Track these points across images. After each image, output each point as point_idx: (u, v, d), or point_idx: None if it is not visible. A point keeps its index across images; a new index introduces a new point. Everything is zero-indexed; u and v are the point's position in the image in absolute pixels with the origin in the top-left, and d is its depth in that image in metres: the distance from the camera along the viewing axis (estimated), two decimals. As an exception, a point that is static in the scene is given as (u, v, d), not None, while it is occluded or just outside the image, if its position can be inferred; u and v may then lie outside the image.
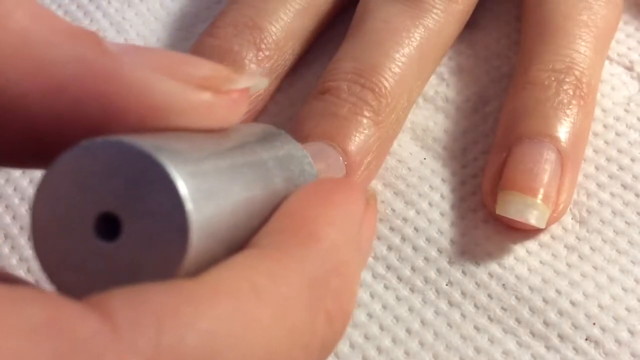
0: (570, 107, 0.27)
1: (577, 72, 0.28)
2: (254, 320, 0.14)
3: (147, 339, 0.13)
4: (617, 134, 0.29)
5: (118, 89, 0.16)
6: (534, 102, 0.27)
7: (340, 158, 0.26)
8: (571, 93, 0.27)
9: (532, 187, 0.25)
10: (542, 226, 0.26)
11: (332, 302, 0.16)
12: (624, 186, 0.28)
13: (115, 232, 0.15)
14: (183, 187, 0.14)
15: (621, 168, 0.29)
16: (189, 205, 0.14)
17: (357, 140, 0.27)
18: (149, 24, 0.34)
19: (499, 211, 0.26)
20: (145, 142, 0.15)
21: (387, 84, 0.28)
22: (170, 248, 0.14)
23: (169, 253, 0.14)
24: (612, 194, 0.28)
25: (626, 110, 0.30)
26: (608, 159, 0.29)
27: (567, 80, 0.27)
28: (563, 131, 0.27)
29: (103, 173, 0.15)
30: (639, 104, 0.30)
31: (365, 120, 0.27)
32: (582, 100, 0.27)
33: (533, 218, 0.25)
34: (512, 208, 0.26)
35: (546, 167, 0.26)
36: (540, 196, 0.25)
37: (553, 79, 0.27)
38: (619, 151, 0.29)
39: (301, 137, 0.27)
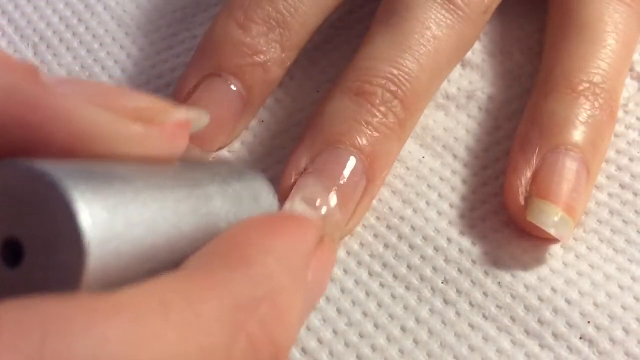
0: (604, 125, 0.27)
1: (608, 87, 0.28)
2: (157, 336, 0.14)
3: (30, 342, 0.13)
4: (616, 135, 0.29)
5: (44, 117, 0.16)
6: (571, 112, 0.27)
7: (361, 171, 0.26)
8: (607, 111, 0.27)
9: (570, 205, 0.26)
10: (567, 241, 0.26)
11: (257, 329, 0.16)
12: (622, 186, 0.28)
13: (18, 258, 0.14)
14: (82, 211, 0.14)
15: (619, 168, 0.29)
16: (87, 230, 0.14)
17: (381, 155, 0.27)
18: (150, 15, 0.34)
19: (530, 218, 0.26)
20: (53, 166, 0.14)
21: (415, 96, 0.27)
22: (67, 274, 0.14)
23: (67, 280, 0.14)
24: (609, 194, 0.28)
25: (625, 111, 0.30)
26: (606, 160, 0.29)
27: (602, 95, 0.27)
28: (594, 148, 0.27)
29: (6, 196, 0.15)
30: (638, 103, 0.30)
31: (391, 134, 0.27)
32: (612, 118, 0.28)
33: (565, 236, 0.26)
34: (545, 218, 0.25)
35: (580, 184, 0.26)
36: (574, 214, 0.26)
37: (588, 91, 0.27)
38: (618, 152, 0.29)
39: (328, 136, 0.27)
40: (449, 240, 0.27)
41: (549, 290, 0.26)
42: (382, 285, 0.27)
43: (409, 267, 0.27)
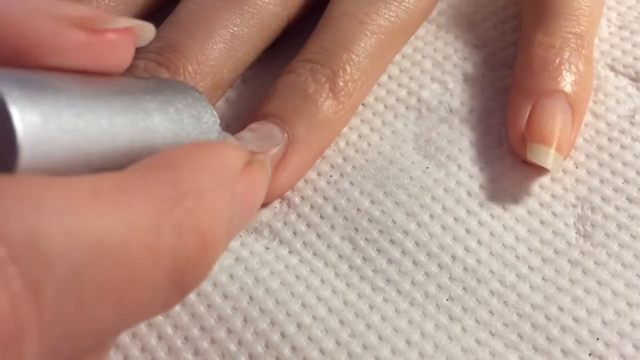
0: (587, 69, 0.29)
1: (588, 36, 0.30)
2: (88, 210, 0.15)
3: None
4: (622, 147, 0.29)
5: None
6: (558, 59, 0.29)
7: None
8: (589, 57, 0.29)
9: (560, 145, 0.28)
10: (558, 172, 0.29)
11: (182, 216, 0.17)
12: (630, 199, 0.28)
13: None
14: (15, 115, 0.16)
15: (626, 181, 0.28)
16: (20, 132, 0.16)
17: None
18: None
19: (529, 157, 0.28)
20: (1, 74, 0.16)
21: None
22: (2, 171, 0.16)
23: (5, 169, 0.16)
24: (617, 208, 0.27)
25: (631, 123, 0.29)
26: (613, 172, 0.28)
27: (584, 45, 0.29)
28: (579, 90, 0.29)
29: None
30: (644, 115, 0.30)
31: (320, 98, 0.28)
32: (590, 63, 0.30)
33: (557, 169, 0.28)
34: (542, 158, 0.28)
35: (567, 124, 0.28)
36: (564, 151, 0.28)
37: (572, 41, 0.29)
38: (624, 164, 0.29)
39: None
40: (453, 257, 0.27)
41: (556, 309, 0.25)
42: (385, 300, 0.26)
43: (413, 283, 0.26)
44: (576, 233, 0.27)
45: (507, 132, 0.29)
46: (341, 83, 0.29)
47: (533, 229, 0.27)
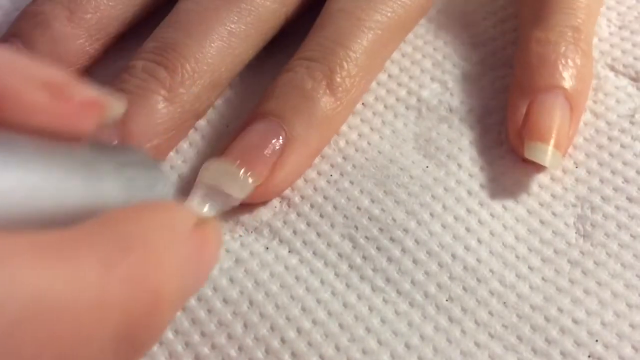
0: (585, 64, 0.29)
1: (586, 30, 0.30)
2: (24, 265, 0.15)
3: None
4: (622, 146, 0.29)
5: None
6: (556, 55, 0.29)
7: None
8: (587, 53, 0.29)
9: (558, 142, 0.28)
10: (557, 169, 0.28)
11: (131, 270, 0.16)
12: (630, 199, 0.28)
13: None
14: None
15: (626, 181, 0.28)
16: None
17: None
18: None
19: (527, 155, 0.28)
20: None
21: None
22: None
23: None
24: (617, 207, 0.27)
25: (631, 122, 0.29)
26: (613, 172, 0.28)
27: (582, 38, 0.29)
28: (578, 86, 0.29)
29: None
30: (644, 115, 0.30)
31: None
32: (589, 58, 0.30)
33: (556, 166, 0.28)
34: (536, 154, 0.28)
35: (564, 120, 0.28)
36: (562, 149, 0.28)
37: (570, 35, 0.29)
38: (624, 164, 0.28)
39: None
40: (453, 256, 0.27)
41: (556, 310, 0.25)
42: (385, 301, 0.26)
43: (412, 282, 0.26)
44: (576, 233, 0.27)
45: (507, 131, 0.29)
46: (338, 79, 0.29)
47: (533, 229, 0.27)
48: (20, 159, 0.17)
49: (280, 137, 0.28)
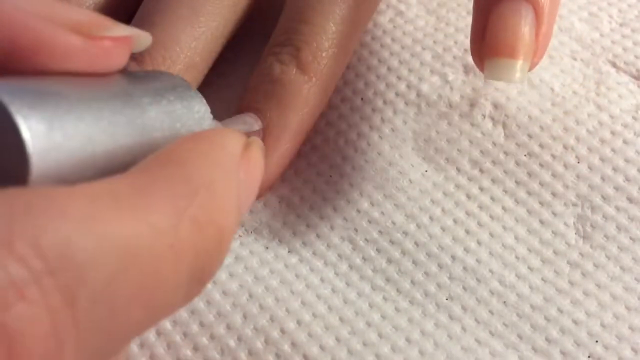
0: None
1: None
2: (111, 217, 0.16)
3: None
4: (625, 142, 0.29)
5: None
6: None
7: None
8: None
9: (514, 52, 0.25)
10: (524, 82, 0.26)
11: (198, 211, 0.17)
12: (630, 199, 0.27)
13: None
14: (22, 126, 0.16)
15: (627, 179, 0.28)
16: (28, 142, 0.16)
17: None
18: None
19: (487, 77, 0.25)
20: (2, 85, 0.16)
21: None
22: (15, 184, 0.16)
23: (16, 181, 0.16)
24: (617, 208, 0.27)
25: (634, 118, 0.29)
26: (615, 169, 0.28)
27: None
28: None
29: None
30: (646, 111, 0.29)
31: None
32: None
33: (517, 78, 0.25)
34: (499, 73, 0.25)
35: (525, 28, 0.25)
36: (521, 57, 0.25)
37: None
38: (626, 161, 0.28)
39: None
40: (453, 258, 0.27)
41: (555, 310, 0.25)
42: (385, 298, 0.26)
43: (412, 282, 0.26)
44: (576, 234, 0.27)
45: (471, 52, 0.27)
46: (308, 57, 0.28)
47: (533, 229, 0.27)
48: (69, 107, 0.17)
49: (260, 129, 0.28)
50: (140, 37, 0.21)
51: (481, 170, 0.29)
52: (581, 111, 0.30)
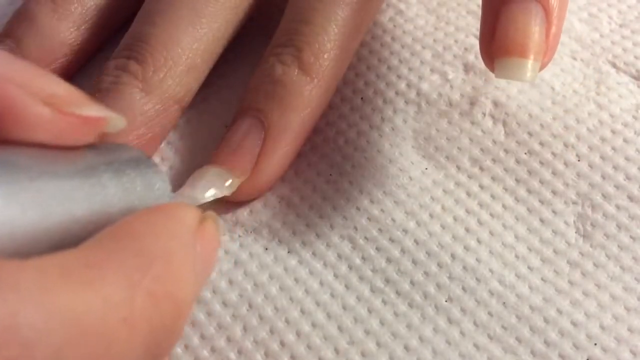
0: None
1: None
2: (61, 292, 0.15)
3: None
4: (625, 141, 0.29)
5: None
6: None
7: None
8: None
9: (525, 50, 0.24)
10: (535, 81, 0.25)
11: (154, 284, 0.17)
12: (630, 198, 0.27)
13: None
14: None
15: (628, 178, 0.28)
16: None
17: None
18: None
19: (498, 76, 0.25)
20: None
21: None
22: None
23: None
24: (617, 207, 0.27)
25: (634, 117, 0.29)
26: (615, 167, 0.28)
27: None
28: None
29: None
30: (647, 110, 0.29)
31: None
32: None
33: (528, 78, 0.24)
34: (510, 73, 0.24)
35: (535, 28, 0.25)
36: (532, 56, 0.24)
37: None
38: (627, 159, 0.28)
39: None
40: (453, 256, 0.27)
41: (555, 311, 0.25)
42: (384, 302, 0.26)
43: (412, 283, 0.26)
44: (576, 233, 0.27)
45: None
46: (310, 58, 0.28)
47: (533, 228, 0.27)
48: (29, 180, 0.17)
49: (261, 130, 0.28)
50: (113, 120, 0.20)
51: (481, 168, 0.29)
52: (581, 110, 0.29)
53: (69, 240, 0.18)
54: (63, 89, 0.19)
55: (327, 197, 0.28)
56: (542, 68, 0.25)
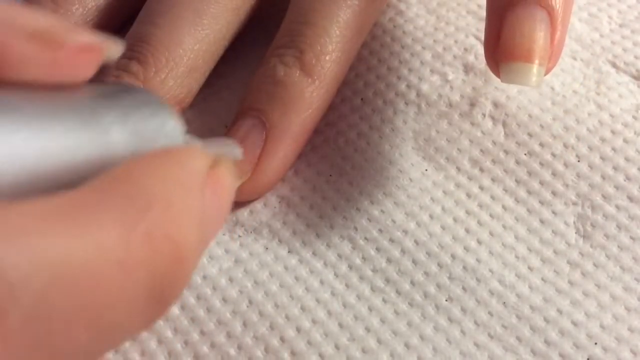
0: None
1: None
2: (47, 234, 0.15)
3: None
4: (625, 141, 0.29)
5: None
6: None
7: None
8: None
9: (531, 55, 0.24)
10: (540, 85, 0.25)
11: (151, 226, 0.16)
12: (630, 198, 0.27)
13: None
14: None
15: (628, 178, 0.28)
16: None
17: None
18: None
19: (504, 81, 0.25)
20: None
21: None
22: None
23: None
24: (617, 207, 0.27)
25: (634, 118, 0.29)
26: (615, 168, 0.28)
27: None
28: None
29: None
30: (647, 110, 0.29)
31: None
32: None
33: (534, 82, 0.25)
34: (515, 77, 0.25)
35: (540, 33, 0.25)
36: (537, 61, 0.25)
37: None
38: (627, 159, 0.28)
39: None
40: (453, 257, 0.27)
41: (555, 311, 0.25)
42: (385, 301, 0.26)
43: (412, 283, 0.26)
44: (576, 233, 0.27)
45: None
46: (312, 59, 0.28)
47: (533, 228, 0.27)
48: (22, 121, 0.16)
49: (262, 130, 0.28)
50: (108, 48, 0.19)
51: (481, 169, 0.29)
52: (581, 110, 0.29)
53: (69, 185, 0.17)
54: (49, 23, 0.18)
55: (327, 197, 0.28)
56: (547, 73, 0.25)
